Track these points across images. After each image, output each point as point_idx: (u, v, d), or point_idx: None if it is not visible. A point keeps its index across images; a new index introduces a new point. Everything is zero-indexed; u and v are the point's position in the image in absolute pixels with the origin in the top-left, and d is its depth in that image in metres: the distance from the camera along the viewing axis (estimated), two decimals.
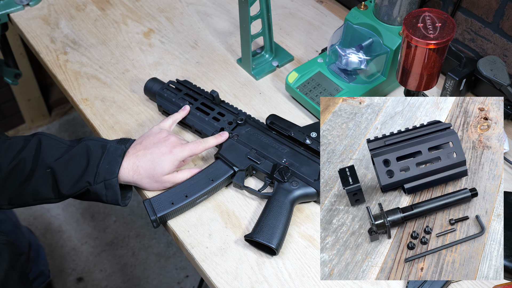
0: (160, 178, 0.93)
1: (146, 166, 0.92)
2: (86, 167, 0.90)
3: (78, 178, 0.90)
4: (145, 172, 0.92)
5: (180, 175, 0.95)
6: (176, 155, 0.93)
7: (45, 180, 0.91)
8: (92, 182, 0.90)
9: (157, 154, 0.92)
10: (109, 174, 0.90)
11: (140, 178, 0.93)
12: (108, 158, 0.91)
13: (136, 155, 0.93)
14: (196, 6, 1.35)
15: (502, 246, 0.83)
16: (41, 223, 1.95)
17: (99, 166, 0.90)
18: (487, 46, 1.08)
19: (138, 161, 0.92)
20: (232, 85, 1.16)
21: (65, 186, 0.91)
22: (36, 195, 0.92)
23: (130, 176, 0.92)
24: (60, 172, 0.90)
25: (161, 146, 0.93)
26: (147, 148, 0.93)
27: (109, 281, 1.82)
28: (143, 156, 0.92)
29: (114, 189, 0.91)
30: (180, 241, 0.91)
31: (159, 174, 0.92)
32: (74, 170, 0.91)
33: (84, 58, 1.22)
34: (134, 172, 0.92)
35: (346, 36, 1.07)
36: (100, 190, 0.90)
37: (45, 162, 0.91)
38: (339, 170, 0.89)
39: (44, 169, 0.90)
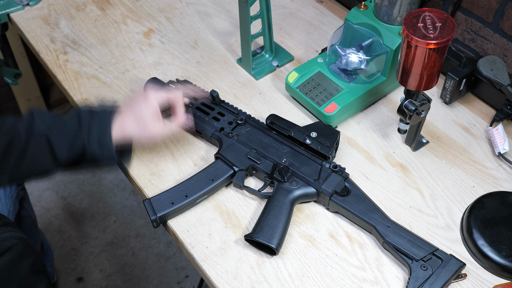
0: (146, 125, 0.94)
1: (128, 116, 0.94)
2: (79, 129, 0.92)
3: (73, 141, 0.92)
4: (129, 121, 0.94)
5: (169, 125, 0.96)
6: (152, 99, 0.95)
7: (41, 148, 0.92)
8: (87, 143, 0.92)
9: (135, 103, 0.95)
10: (102, 133, 0.92)
11: (126, 128, 0.94)
12: (98, 118, 0.93)
13: (120, 112, 0.95)
14: (196, 6, 1.35)
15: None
16: (41, 223, 1.94)
17: (90, 127, 0.92)
18: (487, 46, 1.08)
19: (122, 116, 0.94)
20: (232, 85, 1.16)
21: (62, 150, 0.92)
22: (35, 165, 0.93)
23: (119, 131, 0.93)
24: (54, 138, 0.92)
25: (137, 97, 0.97)
26: (127, 105, 0.97)
27: (109, 281, 1.82)
28: (125, 111, 0.95)
29: (108, 147, 0.92)
30: (180, 241, 0.91)
31: (142, 118, 0.94)
32: (67, 133, 0.92)
33: (84, 58, 1.22)
34: (119, 126, 0.93)
35: (346, 36, 1.07)
36: (95, 150, 0.92)
37: (39, 130, 0.92)
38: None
39: (38, 137, 0.92)
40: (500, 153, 0.99)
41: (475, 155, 1.02)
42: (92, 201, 2.02)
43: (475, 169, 1.00)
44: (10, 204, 1.32)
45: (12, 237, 1.02)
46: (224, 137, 1.00)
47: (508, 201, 0.91)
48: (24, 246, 1.02)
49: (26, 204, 1.48)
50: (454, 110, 1.10)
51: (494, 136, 1.01)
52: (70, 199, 2.03)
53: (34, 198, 2.01)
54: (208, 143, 1.04)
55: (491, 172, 0.99)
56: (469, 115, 1.09)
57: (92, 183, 2.07)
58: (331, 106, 1.03)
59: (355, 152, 1.03)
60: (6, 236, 1.01)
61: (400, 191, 0.97)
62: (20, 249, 1.00)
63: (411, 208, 0.94)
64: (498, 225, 0.88)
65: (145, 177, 0.99)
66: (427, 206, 0.95)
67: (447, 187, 0.97)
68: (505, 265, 0.84)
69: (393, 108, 1.11)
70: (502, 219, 0.89)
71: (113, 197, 2.03)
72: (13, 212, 1.34)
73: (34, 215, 1.55)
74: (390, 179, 0.99)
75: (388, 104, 1.12)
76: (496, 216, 0.89)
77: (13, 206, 1.34)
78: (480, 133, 1.06)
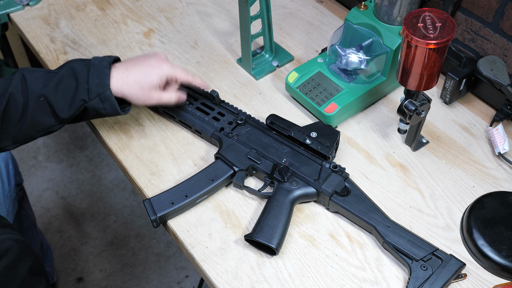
0: (148, 91, 0.94)
1: (136, 77, 0.93)
2: (77, 86, 0.91)
3: (72, 98, 0.91)
4: (134, 83, 0.93)
5: (166, 94, 0.97)
6: (164, 69, 0.95)
7: (42, 109, 0.91)
8: (87, 99, 0.91)
9: (147, 66, 0.94)
10: (101, 87, 0.91)
11: (128, 89, 0.93)
12: (96, 72, 0.92)
13: (126, 66, 0.94)
14: (196, 6, 1.35)
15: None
16: (41, 223, 1.94)
17: (89, 82, 0.91)
18: (487, 46, 1.08)
19: (127, 71, 0.93)
20: (232, 85, 1.16)
21: (62, 109, 0.91)
22: (37, 125, 0.93)
23: (119, 86, 0.92)
24: (53, 97, 0.91)
25: (151, 59, 0.96)
26: (137, 61, 0.96)
27: (109, 281, 1.82)
28: (133, 67, 0.94)
29: (110, 100, 0.92)
30: (180, 241, 0.91)
31: (147, 85, 0.93)
32: (65, 91, 0.91)
33: (84, 58, 1.22)
34: (123, 82, 0.93)
35: (346, 36, 1.07)
36: (97, 104, 0.91)
37: (35, 92, 0.91)
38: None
39: (36, 98, 0.91)
40: (500, 153, 0.99)
41: (475, 155, 1.02)
42: (92, 201, 2.02)
43: (475, 169, 1.00)
44: (9, 204, 1.32)
45: (10, 239, 1.01)
46: (224, 137, 1.00)
47: (508, 201, 0.91)
48: (22, 248, 1.01)
49: (25, 204, 1.48)
50: (454, 110, 1.10)
51: (494, 136, 1.01)
52: (70, 199, 2.03)
53: (34, 198, 2.01)
54: (208, 143, 1.04)
55: (491, 172, 0.99)
56: (469, 115, 1.09)
57: (92, 183, 2.07)
58: (331, 106, 1.03)
59: (355, 152, 1.03)
60: (3, 238, 1.00)
61: (400, 191, 0.97)
62: (17, 252, 1.00)
63: (411, 208, 0.94)
64: (498, 225, 0.88)
65: (145, 177, 0.99)
66: (427, 206, 0.95)
67: (447, 187, 0.97)
68: (505, 265, 0.84)
69: (393, 108, 1.11)
70: (502, 219, 0.89)
71: (113, 197, 2.03)
72: (12, 212, 1.33)
73: (33, 215, 1.55)
74: (390, 179, 0.99)
75: (388, 104, 1.12)
76: (496, 216, 0.89)
77: (12, 206, 1.34)
78: (480, 133, 1.06)
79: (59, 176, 2.09)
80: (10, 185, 1.34)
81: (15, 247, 1.00)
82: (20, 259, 1.00)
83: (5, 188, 1.32)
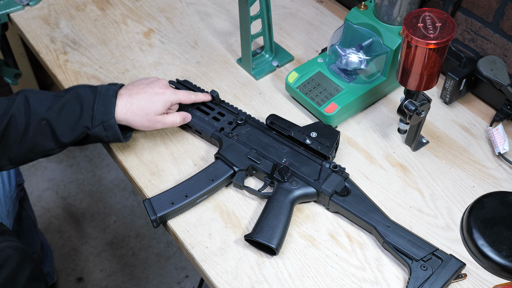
0: (153, 117, 0.95)
1: (140, 104, 0.94)
2: (81, 112, 0.92)
3: (75, 124, 0.92)
4: (139, 110, 0.94)
5: (170, 117, 0.98)
6: (169, 96, 0.97)
7: (43, 132, 0.92)
8: (90, 126, 0.92)
9: (151, 93, 0.95)
10: (106, 115, 0.92)
11: (133, 116, 0.94)
12: (102, 100, 0.93)
13: (130, 93, 0.95)
14: (196, 6, 1.35)
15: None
16: (41, 223, 1.94)
17: (94, 109, 0.92)
18: (487, 46, 1.08)
19: (131, 99, 0.94)
20: (232, 85, 1.16)
21: (64, 134, 0.92)
22: (37, 148, 0.93)
23: (123, 114, 0.94)
24: (56, 121, 0.91)
25: (155, 86, 0.97)
26: (141, 88, 0.96)
27: (109, 281, 1.82)
28: (137, 95, 0.95)
29: (113, 129, 0.93)
30: (180, 241, 0.91)
31: (152, 112, 0.95)
32: (69, 117, 0.92)
33: (84, 58, 1.22)
34: (127, 110, 0.94)
35: (346, 36, 1.07)
36: (100, 132, 0.92)
37: (38, 114, 0.91)
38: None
39: (38, 121, 0.91)
40: (500, 153, 0.99)
41: (475, 155, 1.02)
42: (92, 201, 2.02)
43: (475, 169, 1.00)
44: (9, 205, 1.32)
45: (9, 247, 1.00)
46: (224, 137, 1.00)
47: (508, 201, 0.91)
48: (21, 256, 1.01)
49: (25, 204, 1.48)
50: (454, 110, 1.10)
51: (494, 136, 1.01)
52: (70, 199, 2.03)
53: (34, 198, 2.01)
54: (208, 143, 1.04)
55: (491, 172, 0.99)
56: (469, 115, 1.09)
57: (92, 183, 2.07)
58: (331, 106, 1.03)
59: (355, 152, 1.03)
60: (2, 246, 1.00)
61: (400, 191, 0.97)
62: (16, 261, 0.99)
63: (411, 208, 0.94)
64: (498, 225, 0.88)
65: (145, 177, 0.99)
66: (427, 206, 0.95)
67: (447, 187, 0.97)
68: (505, 265, 0.84)
69: (393, 108, 1.11)
70: (502, 219, 0.89)
71: (113, 197, 2.03)
72: (12, 212, 1.33)
73: (34, 216, 1.55)
74: (390, 179, 0.99)
75: (388, 104, 1.12)
76: (496, 216, 0.89)
77: (13, 207, 1.34)
78: (480, 133, 1.06)
79: (59, 176, 2.09)
80: (10, 185, 1.34)
81: (14, 256, 0.99)
82: (19, 268, 0.99)
83: (5, 188, 1.32)
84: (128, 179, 1.03)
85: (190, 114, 1.02)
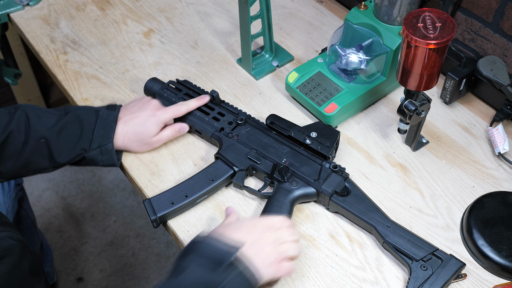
0: (149, 140, 0.98)
1: (135, 130, 0.96)
2: (80, 134, 0.93)
3: (73, 145, 0.93)
4: (134, 136, 0.97)
5: (165, 133, 0.99)
6: (160, 117, 0.98)
7: (40, 150, 0.92)
8: (88, 149, 0.93)
9: (143, 117, 0.97)
10: (104, 140, 0.93)
11: (130, 143, 0.97)
12: (102, 124, 0.94)
13: (124, 120, 0.97)
14: (196, 6, 1.35)
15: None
16: (41, 223, 1.94)
17: (94, 133, 0.93)
18: (487, 46, 1.08)
19: (127, 127, 0.96)
20: (232, 85, 1.16)
21: (60, 154, 0.93)
22: (30, 165, 0.94)
23: (121, 141, 0.96)
24: (54, 141, 0.92)
25: (146, 109, 0.98)
26: (133, 112, 0.98)
27: (109, 281, 1.82)
28: (131, 121, 0.97)
29: (110, 153, 0.94)
30: (180, 241, 0.91)
31: (147, 136, 0.97)
32: (68, 138, 0.93)
33: (84, 58, 1.22)
34: (124, 137, 0.96)
35: (346, 36, 1.07)
36: (96, 156, 0.94)
37: (38, 132, 0.92)
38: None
39: (37, 139, 0.92)
40: (500, 153, 0.99)
41: (475, 155, 1.02)
42: (92, 201, 2.02)
43: (475, 169, 1.00)
44: (9, 204, 1.32)
45: (9, 237, 1.01)
46: (224, 137, 1.00)
47: (508, 201, 0.91)
48: (22, 248, 1.02)
49: (25, 204, 1.48)
50: (454, 110, 1.10)
51: (494, 136, 1.01)
52: (70, 199, 2.03)
53: (34, 198, 2.01)
54: (208, 143, 1.04)
55: (491, 172, 0.99)
56: (469, 115, 1.09)
57: (92, 183, 2.07)
58: (331, 106, 1.03)
59: (355, 152, 1.03)
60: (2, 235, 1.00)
61: (400, 191, 0.97)
62: (18, 252, 1.00)
63: (411, 208, 0.94)
64: (498, 225, 0.88)
65: (145, 177, 0.99)
66: (427, 206, 0.95)
67: (447, 187, 0.97)
68: (505, 265, 0.84)
69: (393, 108, 1.11)
70: (502, 219, 0.89)
71: (113, 197, 2.03)
72: (12, 212, 1.33)
73: (33, 215, 1.55)
74: (390, 179, 0.99)
75: (388, 104, 1.12)
76: (496, 216, 0.89)
77: (12, 206, 1.34)
78: (480, 133, 1.06)
79: (59, 176, 2.09)
80: (10, 185, 1.34)
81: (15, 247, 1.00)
82: (21, 260, 1.00)
83: (5, 188, 1.32)
84: (128, 179, 1.04)
85: (185, 124, 1.02)
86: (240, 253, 0.75)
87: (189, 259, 0.74)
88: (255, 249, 0.76)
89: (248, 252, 0.75)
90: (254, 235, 0.78)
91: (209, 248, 0.75)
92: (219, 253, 0.74)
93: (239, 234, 0.78)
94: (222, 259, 0.73)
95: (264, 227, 0.80)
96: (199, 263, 0.73)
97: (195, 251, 0.75)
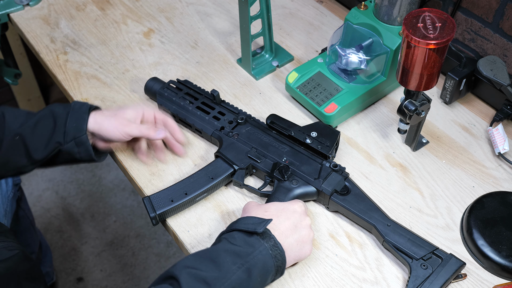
0: (124, 119, 0.95)
1: (112, 111, 0.96)
2: (54, 128, 0.92)
3: (48, 139, 0.92)
4: (109, 114, 0.95)
5: (145, 126, 0.97)
6: (141, 107, 0.98)
7: (16, 148, 0.92)
8: (62, 142, 0.92)
9: (124, 108, 0.97)
10: (78, 132, 0.92)
11: (102, 118, 0.94)
12: (75, 116, 0.93)
13: (103, 112, 0.96)
14: (196, 6, 1.36)
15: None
16: (41, 223, 1.94)
17: (66, 125, 0.92)
18: (487, 46, 1.08)
19: (103, 116, 0.95)
20: (232, 85, 1.16)
21: (37, 150, 0.92)
22: (9, 164, 0.93)
23: (94, 122, 0.93)
24: (29, 137, 0.91)
25: (128, 107, 0.98)
26: (116, 108, 0.98)
27: (109, 281, 1.82)
28: (109, 111, 0.96)
29: (85, 145, 0.93)
30: (180, 241, 0.91)
31: (122, 116, 0.95)
32: (42, 132, 0.92)
33: (84, 58, 1.22)
34: (98, 116, 0.94)
35: (346, 36, 1.07)
36: (72, 148, 0.92)
37: (12, 129, 0.92)
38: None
39: (12, 137, 0.91)
40: (500, 153, 0.99)
41: (475, 155, 1.02)
42: (92, 201, 2.02)
43: (475, 169, 1.00)
44: (7, 204, 1.32)
45: (5, 248, 1.01)
46: (225, 136, 1.00)
47: (508, 201, 0.91)
48: (18, 257, 1.01)
49: (23, 204, 1.47)
50: (454, 110, 1.10)
51: (494, 136, 1.01)
52: (70, 199, 2.03)
53: (34, 198, 2.01)
54: (208, 143, 1.04)
55: (491, 172, 0.99)
56: (469, 115, 1.09)
57: (92, 183, 2.07)
58: (331, 106, 1.03)
59: (355, 152, 1.03)
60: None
61: (400, 191, 0.97)
62: (14, 262, 0.99)
63: (411, 208, 0.94)
64: (498, 225, 0.88)
65: (145, 177, 0.99)
66: (427, 206, 0.95)
67: (447, 187, 0.97)
68: (505, 265, 0.84)
69: (393, 108, 1.11)
70: (502, 219, 0.89)
71: (113, 197, 2.03)
72: (10, 212, 1.33)
73: (31, 216, 1.55)
74: (390, 179, 0.99)
75: (388, 104, 1.12)
76: (496, 216, 0.89)
77: (10, 207, 1.34)
78: (480, 133, 1.06)
79: (59, 176, 2.09)
80: (7, 185, 1.34)
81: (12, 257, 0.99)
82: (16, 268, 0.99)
83: (2, 188, 1.32)
84: (128, 179, 1.04)
85: (162, 131, 0.97)
86: (271, 227, 0.80)
87: (222, 237, 0.80)
88: (286, 234, 0.81)
89: (275, 233, 0.80)
90: (280, 218, 0.82)
91: (242, 222, 0.81)
92: (251, 225, 0.79)
93: (268, 215, 0.82)
94: (254, 230, 0.78)
95: (289, 211, 0.84)
96: (232, 236, 0.79)
97: (228, 230, 0.81)
